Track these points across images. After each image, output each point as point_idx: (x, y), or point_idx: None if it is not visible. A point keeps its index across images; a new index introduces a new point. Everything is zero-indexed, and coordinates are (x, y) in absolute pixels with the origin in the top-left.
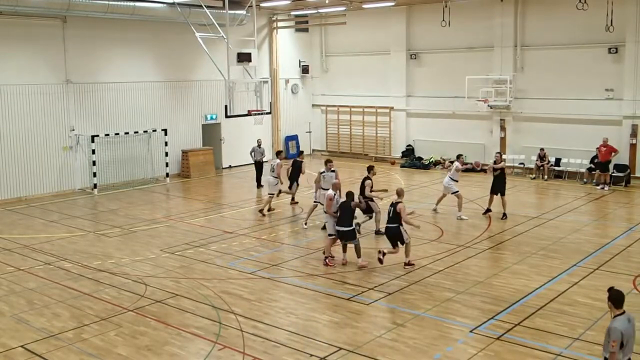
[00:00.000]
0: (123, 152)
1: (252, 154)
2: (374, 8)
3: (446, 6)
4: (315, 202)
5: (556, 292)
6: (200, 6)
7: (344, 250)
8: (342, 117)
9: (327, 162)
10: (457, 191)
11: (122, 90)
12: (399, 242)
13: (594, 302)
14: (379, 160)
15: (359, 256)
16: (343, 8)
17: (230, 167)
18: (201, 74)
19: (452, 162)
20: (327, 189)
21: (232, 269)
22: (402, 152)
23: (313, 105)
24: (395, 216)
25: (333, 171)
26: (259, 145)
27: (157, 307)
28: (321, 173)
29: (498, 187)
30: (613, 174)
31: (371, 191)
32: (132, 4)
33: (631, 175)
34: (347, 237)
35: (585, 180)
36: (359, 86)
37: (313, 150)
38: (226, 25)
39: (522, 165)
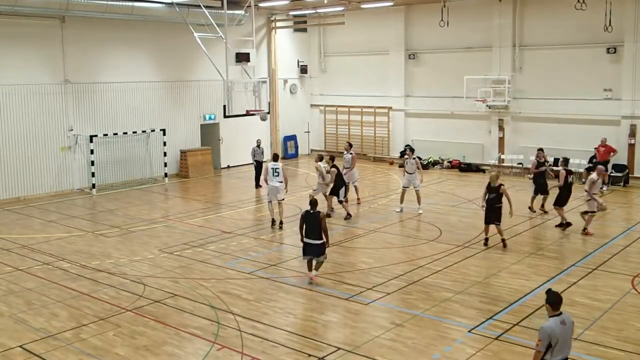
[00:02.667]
0: (121, 152)
1: (253, 154)
2: (373, 8)
3: (444, 6)
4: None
5: None
6: (199, 6)
7: (310, 268)
8: (341, 117)
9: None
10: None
11: (120, 90)
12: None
13: (592, 302)
14: (377, 161)
15: (316, 269)
16: (341, 8)
17: (228, 167)
18: (200, 74)
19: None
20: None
21: (230, 269)
22: (401, 152)
23: (311, 105)
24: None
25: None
26: (258, 146)
27: (155, 307)
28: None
29: (542, 186)
30: (612, 174)
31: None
32: (130, 4)
33: (630, 175)
34: (315, 251)
35: (583, 180)
36: (357, 86)
37: (311, 150)
38: (225, 25)
39: (520, 165)
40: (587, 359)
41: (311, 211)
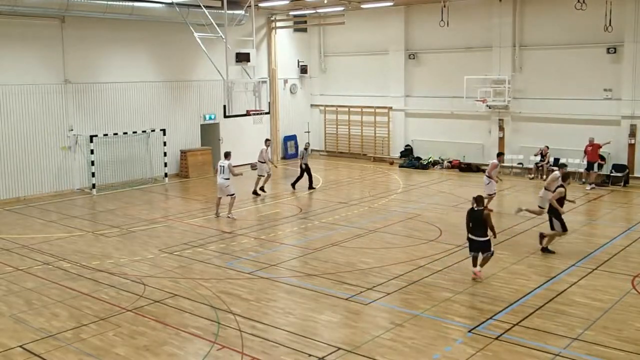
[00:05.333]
0: (122, 152)
1: (302, 156)
2: (373, 8)
3: (444, 6)
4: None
5: (555, 292)
6: (199, 6)
7: (475, 264)
8: (341, 117)
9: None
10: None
11: (120, 90)
12: None
13: (592, 302)
14: (377, 160)
15: (481, 265)
16: (341, 8)
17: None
18: (200, 74)
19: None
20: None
21: (230, 269)
22: (401, 152)
23: (311, 105)
24: None
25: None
26: (305, 149)
27: (155, 307)
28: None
29: None
30: (612, 174)
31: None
32: (130, 4)
33: (630, 175)
34: (480, 247)
35: (583, 180)
36: (357, 86)
37: (312, 150)
38: (225, 25)
39: (520, 166)
40: (588, 359)
41: (476, 208)
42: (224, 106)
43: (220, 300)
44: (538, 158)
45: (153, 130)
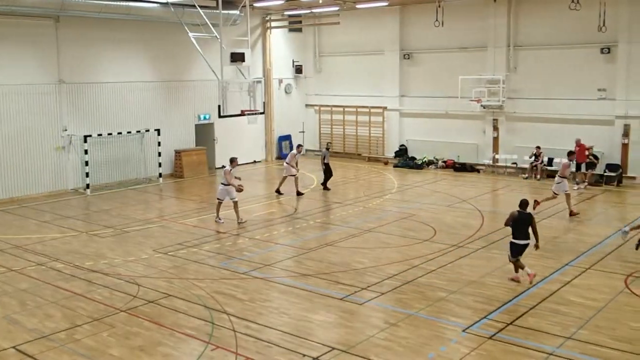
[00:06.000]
0: (116, 152)
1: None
2: (368, 8)
3: (439, 6)
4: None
5: (549, 292)
6: (194, 6)
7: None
8: (336, 117)
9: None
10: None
11: (115, 90)
12: None
13: (586, 301)
14: (372, 160)
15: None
16: (336, 8)
17: (223, 167)
18: (194, 74)
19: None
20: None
21: (224, 269)
22: (395, 152)
23: (306, 105)
24: None
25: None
26: (327, 149)
27: (149, 307)
28: (230, 170)
29: None
30: (605, 174)
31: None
32: (126, 4)
33: (623, 175)
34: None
35: (577, 180)
36: (352, 86)
37: (306, 150)
38: (219, 25)
39: (515, 165)
40: (582, 358)
41: (523, 211)
42: (219, 106)
43: (214, 300)
44: (532, 159)
45: (147, 130)
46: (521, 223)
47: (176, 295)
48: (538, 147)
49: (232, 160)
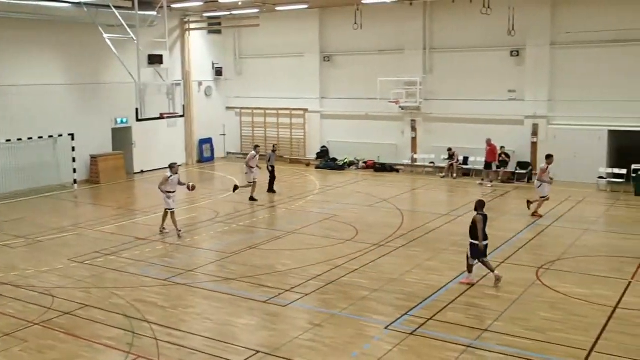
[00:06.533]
0: (27, 158)
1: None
2: (287, 11)
3: (358, 9)
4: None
5: (466, 286)
6: (108, 6)
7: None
8: (257, 119)
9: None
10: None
11: (26, 94)
12: None
13: (501, 294)
14: (294, 162)
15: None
16: (256, 10)
17: (142, 172)
18: (111, 76)
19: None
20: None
21: (145, 277)
22: (317, 154)
23: (227, 107)
24: None
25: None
26: (273, 151)
27: (65, 319)
28: (169, 177)
29: None
30: (516, 171)
31: None
32: (34, 3)
33: (533, 172)
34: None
35: (490, 178)
36: (273, 88)
37: (228, 153)
38: (136, 26)
39: (432, 165)
40: (498, 349)
41: (483, 213)
42: (137, 109)
43: (134, 309)
44: (448, 159)
45: (60, 135)
46: (484, 224)
47: (94, 306)
48: (450, 149)
49: (172, 166)
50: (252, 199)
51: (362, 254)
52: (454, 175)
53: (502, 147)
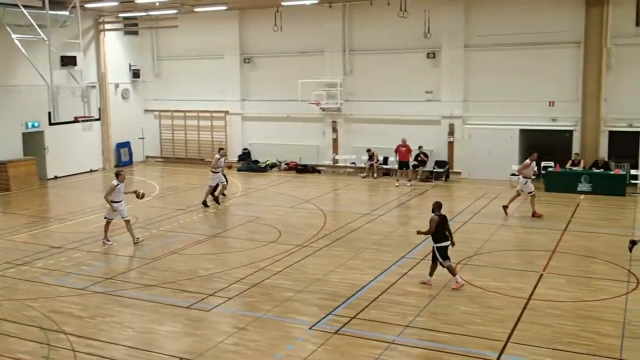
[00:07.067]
0: None
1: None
2: (207, 12)
3: (278, 11)
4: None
5: (388, 284)
6: (17, 5)
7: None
8: (177, 122)
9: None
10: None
11: None
12: None
13: (422, 290)
14: None
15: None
16: (174, 11)
17: (56, 177)
18: (21, 78)
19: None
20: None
21: (61, 286)
22: (239, 156)
23: (145, 110)
24: None
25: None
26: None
27: None
28: (116, 185)
29: None
30: (434, 170)
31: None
32: None
33: (450, 171)
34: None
35: (409, 177)
36: (193, 91)
37: (147, 157)
38: (47, 26)
39: (353, 165)
40: (419, 344)
41: (441, 214)
42: (49, 113)
43: (50, 320)
44: (368, 160)
45: None
46: (443, 226)
47: (6, 319)
48: (369, 150)
49: (118, 174)
50: (216, 200)
51: (285, 255)
52: (375, 175)
53: (420, 147)
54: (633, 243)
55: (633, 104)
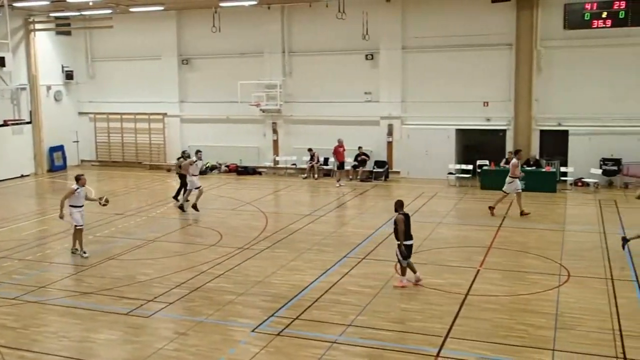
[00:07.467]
0: None
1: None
2: (143, 12)
3: (216, 12)
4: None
5: (330, 284)
6: None
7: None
8: (113, 124)
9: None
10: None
11: None
12: None
13: (363, 289)
14: (154, 168)
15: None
16: (109, 11)
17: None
18: None
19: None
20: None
21: None
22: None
23: (80, 113)
24: None
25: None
26: (184, 158)
27: None
28: (76, 190)
29: None
30: (374, 170)
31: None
32: None
33: (389, 170)
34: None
35: (350, 177)
36: (130, 92)
37: (82, 161)
38: None
39: (294, 166)
40: (361, 342)
41: (404, 212)
42: None
43: None
44: (309, 160)
45: None
46: (407, 224)
47: None
48: (310, 150)
49: (78, 178)
50: (194, 206)
51: (226, 258)
52: (315, 176)
53: (360, 148)
54: (625, 240)
55: (562, 103)
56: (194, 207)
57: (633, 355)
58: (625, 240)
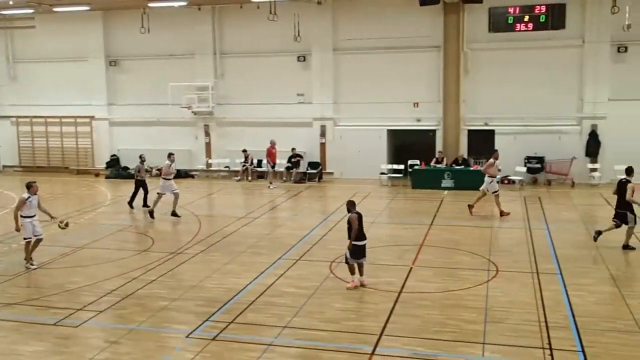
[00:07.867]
0: None
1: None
2: (68, 12)
3: (144, 12)
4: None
5: (265, 286)
6: None
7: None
8: (37, 128)
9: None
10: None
11: None
12: None
13: (298, 290)
14: (81, 173)
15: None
16: (31, 10)
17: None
18: None
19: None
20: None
21: None
22: (107, 163)
23: (1, 116)
24: None
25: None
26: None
27: None
28: (27, 199)
29: None
30: (308, 171)
31: None
32: None
33: (323, 171)
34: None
35: (284, 178)
36: (55, 95)
37: (4, 167)
38: None
39: (227, 169)
40: (297, 343)
41: (357, 212)
42: None
43: None
44: (243, 162)
45: None
46: (360, 223)
47: None
48: (244, 150)
49: (30, 186)
50: (174, 214)
51: (159, 263)
52: (249, 178)
53: (293, 149)
54: (598, 233)
55: (488, 104)
56: (174, 214)
57: (558, 345)
58: (598, 233)
